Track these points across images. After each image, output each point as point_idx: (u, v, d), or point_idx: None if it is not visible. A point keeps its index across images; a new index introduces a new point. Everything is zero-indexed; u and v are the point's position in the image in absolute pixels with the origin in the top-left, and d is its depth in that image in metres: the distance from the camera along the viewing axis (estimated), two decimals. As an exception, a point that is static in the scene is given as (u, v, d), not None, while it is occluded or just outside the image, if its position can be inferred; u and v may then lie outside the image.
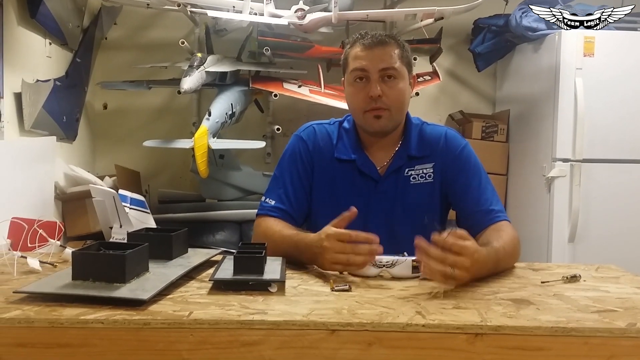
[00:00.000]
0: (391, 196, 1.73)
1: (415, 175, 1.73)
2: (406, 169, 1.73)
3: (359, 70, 1.67)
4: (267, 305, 1.12)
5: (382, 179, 1.73)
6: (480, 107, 4.12)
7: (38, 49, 3.04)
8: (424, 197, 1.73)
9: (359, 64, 1.67)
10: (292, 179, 1.75)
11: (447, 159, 1.74)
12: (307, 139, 1.79)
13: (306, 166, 1.76)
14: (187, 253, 1.50)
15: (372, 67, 1.65)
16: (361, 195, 1.72)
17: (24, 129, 2.78)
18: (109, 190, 1.59)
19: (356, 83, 1.69)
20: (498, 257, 1.41)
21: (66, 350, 1.02)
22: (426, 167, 1.73)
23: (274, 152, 3.94)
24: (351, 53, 1.71)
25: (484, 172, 1.75)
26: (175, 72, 3.53)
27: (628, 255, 2.65)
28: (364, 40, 1.68)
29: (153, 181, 3.87)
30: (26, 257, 1.39)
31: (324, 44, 3.56)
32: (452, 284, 1.26)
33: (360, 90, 1.68)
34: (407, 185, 1.73)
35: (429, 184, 1.73)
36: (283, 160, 1.80)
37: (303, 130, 1.82)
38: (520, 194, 3.65)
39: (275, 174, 1.79)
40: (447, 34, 3.71)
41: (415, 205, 1.72)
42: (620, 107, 3.20)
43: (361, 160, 1.74)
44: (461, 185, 1.71)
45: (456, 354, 1.02)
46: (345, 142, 1.77)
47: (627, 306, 1.17)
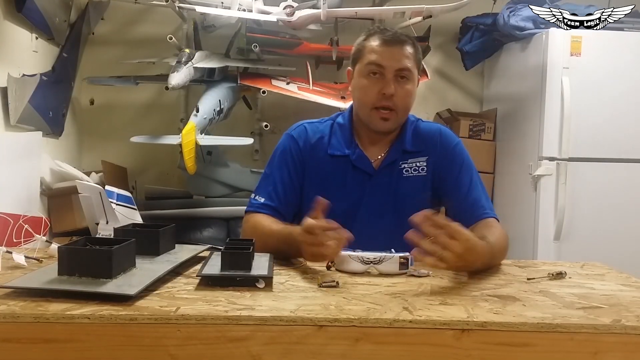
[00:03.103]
0: (384, 189, 1.73)
1: (409, 168, 1.74)
2: (400, 162, 1.74)
3: (375, 64, 1.67)
4: (255, 301, 1.12)
5: (376, 173, 1.74)
6: (467, 105, 4.14)
7: (24, 43, 3.02)
8: (416, 190, 1.73)
9: (376, 58, 1.66)
10: (282, 177, 1.75)
11: (441, 154, 1.75)
12: (298, 138, 1.79)
13: (297, 164, 1.76)
14: (175, 249, 1.49)
15: (389, 65, 1.65)
16: (355, 190, 1.73)
17: (10, 123, 2.75)
18: (96, 186, 1.58)
19: (369, 77, 1.68)
20: (493, 251, 1.42)
21: (52, 346, 1.01)
22: (420, 160, 1.74)
23: (262, 149, 3.93)
24: (368, 45, 1.70)
25: (475, 170, 1.77)
26: (163, 68, 3.51)
27: (613, 254, 2.67)
28: (384, 35, 1.68)
29: (140, 177, 3.85)
30: (11, 253, 1.38)
31: (312, 41, 3.56)
32: (441, 267, 1.26)
33: (373, 84, 1.67)
34: (400, 178, 1.74)
35: (422, 177, 1.74)
36: (274, 158, 1.80)
37: (294, 129, 1.83)
38: (507, 192, 3.66)
39: (266, 171, 1.79)
40: (436, 32, 3.71)
41: (407, 198, 1.71)
42: (607, 106, 3.22)
43: (355, 155, 1.74)
44: (452, 180, 1.73)
45: (443, 350, 1.03)
46: (339, 138, 1.77)
47: (612, 303, 1.18)
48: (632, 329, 1.04)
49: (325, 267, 1.42)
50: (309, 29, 3.48)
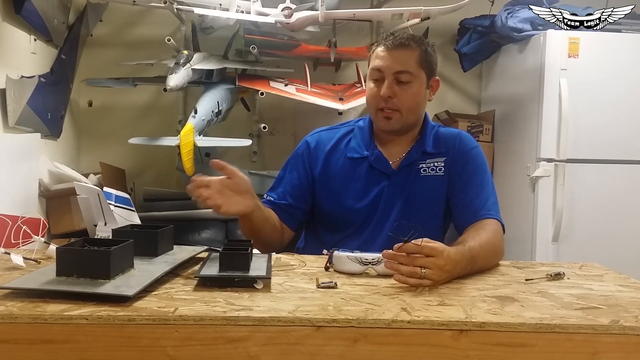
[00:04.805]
0: (402, 189, 1.78)
1: (426, 168, 1.79)
2: (419, 162, 1.79)
3: (375, 70, 1.75)
4: (253, 302, 1.12)
5: (394, 173, 1.79)
6: (465, 107, 4.14)
7: (23, 45, 3.01)
8: (433, 190, 1.78)
9: (377, 64, 1.74)
10: (291, 179, 1.84)
11: (457, 155, 1.80)
12: (310, 141, 1.87)
13: (306, 168, 1.84)
14: (173, 250, 1.49)
15: (388, 69, 1.72)
16: (374, 190, 1.79)
17: (8, 125, 2.75)
18: (94, 187, 1.58)
19: (373, 82, 1.76)
20: (472, 254, 1.41)
21: (50, 347, 1.01)
22: (438, 160, 1.79)
23: (260, 150, 3.93)
24: (375, 51, 1.77)
25: (488, 175, 1.81)
26: (161, 70, 3.51)
27: (611, 254, 2.67)
28: (386, 41, 1.74)
29: (138, 179, 3.84)
30: (10, 254, 1.38)
31: (310, 43, 3.56)
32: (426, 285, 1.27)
33: (375, 89, 1.75)
34: (418, 176, 1.78)
35: (439, 177, 1.78)
36: (288, 161, 1.89)
37: (311, 134, 1.91)
38: (505, 193, 3.66)
39: (280, 173, 1.88)
40: (433, 34, 3.71)
41: (424, 197, 1.77)
42: (604, 107, 3.23)
43: (373, 156, 1.80)
44: (464, 180, 1.77)
45: (441, 350, 1.03)
46: (359, 140, 1.84)
47: (611, 303, 1.19)
48: (631, 330, 1.04)
49: (323, 267, 1.42)
50: (307, 31, 3.49)
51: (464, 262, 1.37)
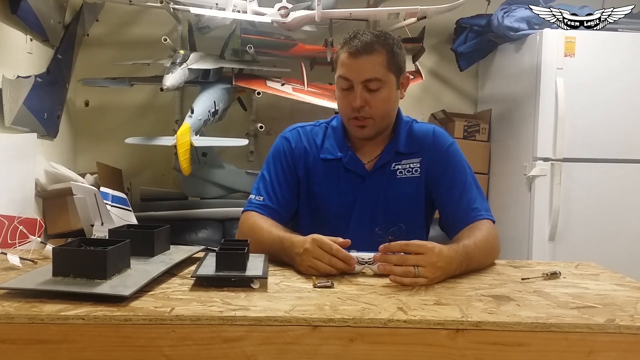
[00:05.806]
0: (378, 191, 1.74)
1: (402, 170, 1.74)
2: (393, 163, 1.74)
3: (343, 79, 1.67)
4: (249, 302, 1.12)
5: (369, 175, 1.74)
6: (462, 106, 4.14)
7: (19, 45, 3.01)
8: (410, 192, 1.73)
9: (343, 72, 1.66)
10: (277, 177, 1.77)
11: (434, 155, 1.75)
12: (290, 139, 1.81)
13: (289, 164, 1.78)
14: (169, 250, 1.49)
15: (356, 77, 1.64)
16: (348, 193, 1.74)
17: (5, 125, 2.75)
18: (91, 187, 1.58)
19: (342, 91, 1.69)
20: (467, 252, 1.41)
21: (46, 347, 1.01)
22: (413, 161, 1.74)
23: (257, 150, 3.93)
24: (339, 56, 1.69)
25: (470, 171, 1.76)
26: (157, 69, 3.51)
27: (607, 254, 2.68)
28: (349, 47, 1.65)
29: (135, 179, 3.84)
30: (6, 254, 1.38)
31: (307, 42, 3.56)
32: (421, 284, 1.28)
33: (345, 97, 1.68)
34: (393, 179, 1.74)
35: (415, 179, 1.74)
36: (269, 159, 1.82)
37: (288, 131, 1.85)
38: (502, 192, 3.67)
39: (263, 172, 1.81)
40: (430, 33, 3.71)
41: (400, 199, 1.73)
42: (601, 107, 3.23)
43: (347, 158, 1.75)
44: (446, 181, 1.72)
45: (437, 350, 1.03)
46: (332, 141, 1.78)
47: (606, 302, 1.19)
48: (626, 329, 1.04)
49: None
50: (303, 30, 3.48)
51: (459, 259, 1.37)
